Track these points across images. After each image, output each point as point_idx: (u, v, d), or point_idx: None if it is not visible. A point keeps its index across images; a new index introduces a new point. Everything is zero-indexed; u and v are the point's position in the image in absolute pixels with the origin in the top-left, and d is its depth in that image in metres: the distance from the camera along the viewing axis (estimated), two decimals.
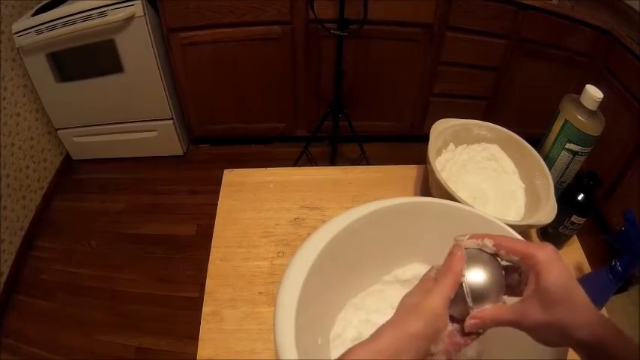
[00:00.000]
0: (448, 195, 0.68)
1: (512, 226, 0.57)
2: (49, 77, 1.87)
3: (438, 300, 0.38)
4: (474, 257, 0.41)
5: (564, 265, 0.37)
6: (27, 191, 1.87)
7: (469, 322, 0.39)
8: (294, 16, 1.79)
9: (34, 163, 1.93)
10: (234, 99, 2.07)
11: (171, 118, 2.08)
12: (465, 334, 0.40)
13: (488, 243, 0.41)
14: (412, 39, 1.87)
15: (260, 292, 0.71)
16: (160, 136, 2.14)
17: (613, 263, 0.62)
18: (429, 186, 0.80)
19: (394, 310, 0.40)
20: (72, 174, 2.18)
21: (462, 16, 1.79)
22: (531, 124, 1.23)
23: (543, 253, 0.37)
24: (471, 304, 0.39)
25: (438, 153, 0.81)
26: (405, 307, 0.40)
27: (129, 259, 1.80)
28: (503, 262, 0.42)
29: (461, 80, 2.01)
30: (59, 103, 1.97)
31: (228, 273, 0.73)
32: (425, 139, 0.79)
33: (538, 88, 1.94)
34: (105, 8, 1.68)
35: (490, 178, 0.82)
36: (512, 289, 0.42)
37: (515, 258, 0.40)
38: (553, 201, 0.70)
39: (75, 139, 2.12)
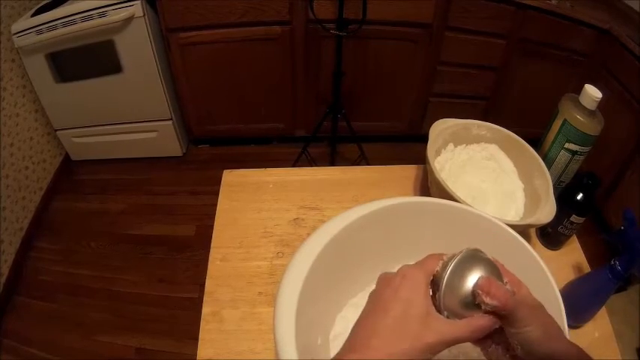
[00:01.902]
0: (447, 195, 0.68)
1: (512, 226, 0.57)
2: (48, 78, 1.87)
3: (453, 332, 0.35)
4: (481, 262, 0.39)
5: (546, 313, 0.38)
6: (26, 192, 1.87)
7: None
8: (293, 17, 1.79)
9: (33, 163, 1.92)
10: (234, 99, 2.07)
11: (171, 119, 2.08)
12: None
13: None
14: (411, 39, 1.87)
15: (260, 293, 0.71)
16: (160, 137, 2.14)
17: (612, 263, 0.62)
18: (429, 186, 0.81)
19: None
20: (71, 175, 2.17)
21: (461, 16, 1.79)
22: (530, 124, 1.24)
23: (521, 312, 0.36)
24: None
25: (438, 153, 0.81)
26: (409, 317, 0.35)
27: (128, 260, 1.80)
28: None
29: (460, 80, 2.01)
30: (58, 103, 1.97)
31: (227, 273, 0.73)
32: (424, 139, 0.79)
33: (537, 88, 1.94)
34: (105, 9, 1.68)
35: (489, 178, 0.82)
36: None
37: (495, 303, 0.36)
38: (552, 200, 0.70)
39: (74, 139, 2.12)
